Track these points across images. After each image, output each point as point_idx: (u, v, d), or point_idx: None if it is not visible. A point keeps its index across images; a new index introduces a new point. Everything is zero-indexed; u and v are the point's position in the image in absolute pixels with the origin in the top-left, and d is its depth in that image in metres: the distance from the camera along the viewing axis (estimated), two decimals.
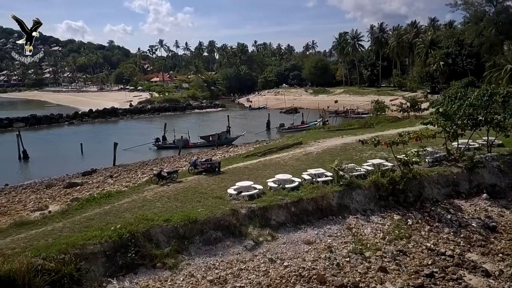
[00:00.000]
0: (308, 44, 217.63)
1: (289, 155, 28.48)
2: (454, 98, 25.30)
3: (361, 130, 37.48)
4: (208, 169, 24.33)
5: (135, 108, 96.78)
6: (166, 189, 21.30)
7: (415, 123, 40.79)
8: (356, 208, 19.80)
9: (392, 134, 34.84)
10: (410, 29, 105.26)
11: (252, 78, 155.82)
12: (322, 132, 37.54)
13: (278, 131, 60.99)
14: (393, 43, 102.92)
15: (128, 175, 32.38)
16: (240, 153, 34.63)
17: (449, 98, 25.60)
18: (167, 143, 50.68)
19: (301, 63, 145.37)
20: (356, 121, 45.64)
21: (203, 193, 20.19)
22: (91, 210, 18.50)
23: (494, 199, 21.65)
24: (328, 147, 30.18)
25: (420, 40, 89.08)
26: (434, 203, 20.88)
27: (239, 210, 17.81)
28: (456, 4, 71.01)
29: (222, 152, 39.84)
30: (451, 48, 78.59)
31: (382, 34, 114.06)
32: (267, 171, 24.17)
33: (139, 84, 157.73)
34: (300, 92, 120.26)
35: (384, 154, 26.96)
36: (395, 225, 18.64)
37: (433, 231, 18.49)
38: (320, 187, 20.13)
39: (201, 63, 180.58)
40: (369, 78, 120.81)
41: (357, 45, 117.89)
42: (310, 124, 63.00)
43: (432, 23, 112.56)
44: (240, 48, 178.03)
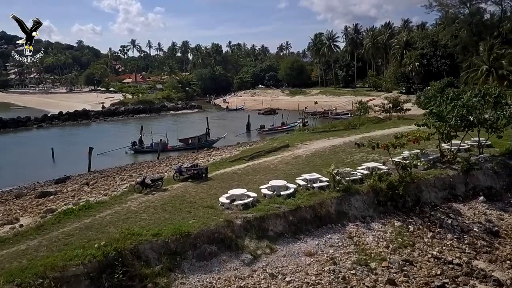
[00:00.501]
0: (282, 45, 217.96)
1: (278, 158, 27.36)
2: (446, 98, 24.83)
3: (346, 132, 36.83)
4: (194, 176, 22.88)
5: (108, 110, 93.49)
6: (152, 199, 19.73)
7: (399, 124, 40.62)
8: (355, 215, 18.88)
9: (378, 135, 34.43)
10: (384, 30, 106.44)
11: (227, 79, 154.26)
12: (307, 134, 36.65)
13: (259, 132, 59.89)
14: (368, 44, 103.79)
15: (105, 182, 30.40)
16: (225, 157, 33.28)
17: (441, 99, 25.11)
18: (145, 147, 48.59)
19: (276, 64, 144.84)
20: (340, 122, 45.08)
21: (192, 203, 18.76)
22: (70, 225, 16.75)
23: (491, 201, 21.22)
24: (317, 150, 29.24)
25: (396, 41, 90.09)
26: (433, 207, 20.24)
27: (234, 221, 16.52)
28: (431, 6, 72.06)
29: (204, 156, 38.30)
30: (426, 49, 79.71)
31: (356, 35, 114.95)
32: (258, 177, 22.96)
33: (111, 85, 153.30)
34: (277, 93, 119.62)
35: (376, 156, 26.31)
36: (397, 232, 17.81)
37: (436, 237, 17.78)
38: (317, 194, 19.09)
39: (175, 63, 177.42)
40: (344, 78, 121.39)
41: (333, 45, 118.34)
42: (290, 125, 62.34)
43: (405, 24, 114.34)
44: (215, 48, 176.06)
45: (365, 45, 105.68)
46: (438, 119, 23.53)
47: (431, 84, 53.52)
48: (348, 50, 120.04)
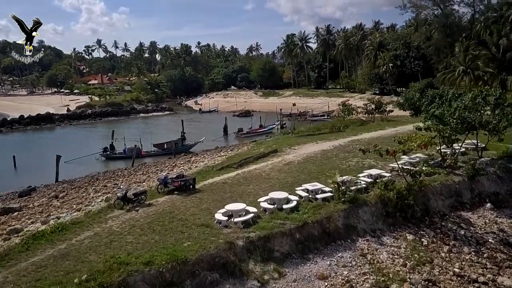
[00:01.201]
0: (252, 46, 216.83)
1: (269, 165, 25.47)
2: (445, 100, 23.76)
3: (333, 135, 35.43)
4: (181, 187, 20.63)
5: (73, 113, 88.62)
6: (136, 216, 17.36)
7: (384, 126, 39.71)
8: (363, 228, 17.26)
9: (366, 138, 33.27)
10: (356, 32, 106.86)
11: (197, 80, 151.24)
12: (293, 138, 34.97)
13: (237, 136, 57.80)
14: (341, 45, 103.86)
15: (77, 194, 27.48)
16: (208, 164, 31.05)
17: (439, 100, 24.02)
18: (117, 153, 45.44)
19: (248, 65, 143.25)
20: (323, 124, 43.77)
21: (183, 220, 16.55)
22: (42, 252, 14.20)
23: (498, 208, 20.21)
24: (308, 155, 27.57)
25: (369, 42, 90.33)
26: (442, 217, 18.98)
27: (235, 242, 14.49)
28: (405, 7, 72.47)
29: (183, 163, 35.83)
30: (399, 50, 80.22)
31: (329, 36, 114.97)
32: (251, 187, 20.99)
33: (76, 87, 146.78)
34: (250, 95, 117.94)
35: (372, 161, 24.92)
36: (412, 247, 16.31)
37: (453, 251, 16.41)
38: (322, 206, 17.35)
39: (143, 64, 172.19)
40: (316, 80, 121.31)
41: (305, 46, 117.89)
42: (268, 127, 60.70)
43: (376, 26, 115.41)
44: (184, 49, 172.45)
45: (338, 46, 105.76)
46: (439, 122, 22.38)
47: (410, 85, 53.32)
48: (320, 51, 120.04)
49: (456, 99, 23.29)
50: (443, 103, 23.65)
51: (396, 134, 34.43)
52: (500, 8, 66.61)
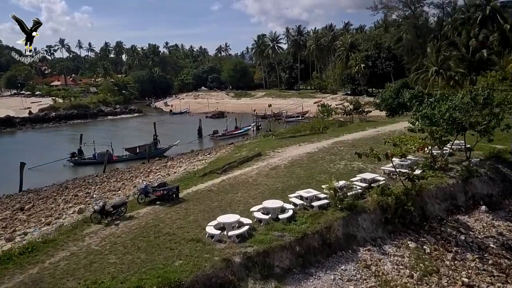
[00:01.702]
0: (221, 47, 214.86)
1: (254, 170, 24.19)
2: (435, 101, 23.29)
3: (314, 136, 34.55)
4: (163, 197, 19.02)
5: (36, 116, 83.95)
6: (116, 231, 15.65)
7: (364, 126, 39.26)
8: (363, 237, 16.30)
9: (349, 139, 32.62)
10: (327, 32, 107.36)
11: (166, 81, 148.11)
12: (275, 140, 33.83)
13: (212, 138, 56.18)
14: (312, 46, 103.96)
15: (45, 206, 25.17)
16: (187, 169, 29.46)
17: (428, 101, 23.54)
18: (86, 158, 42.82)
19: (219, 66, 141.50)
20: (302, 126, 42.91)
21: (170, 235, 15.02)
22: (10, 279, 12.33)
23: (493, 211, 19.84)
24: (293, 159, 26.50)
25: (340, 43, 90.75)
26: (440, 221, 18.35)
27: (232, 260, 13.15)
28: (377, 8, 73.10)
29: (159, 168, 33.92)
30: (370, 51, 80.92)
31: (300, 37, 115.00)
32: (239, 194, 19.64)
33: (37, 88, 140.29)
34: (222, 96, 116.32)
35: (360, 164, 24.14)
36: (415, 256, 15.49)
37: (457, 258, 15.73)
38: (319, 215, 16.26)
39: (109, 65, 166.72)
40: (287, 80, 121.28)
41: (277, 47, 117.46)
42: (244, 129, 59.45)
43: (346, 27, 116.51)
44: (152, 49, 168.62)
45: (309, 47, 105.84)
46: (430, 123, 21.84)
47: (386, 85, 53.52)
48: (291, 52, 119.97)
49: (446, 100, 22.80)
50: (431, 103, 23.13)
51: (378, 135, 34.22)
52: (467, 10, 68.30)
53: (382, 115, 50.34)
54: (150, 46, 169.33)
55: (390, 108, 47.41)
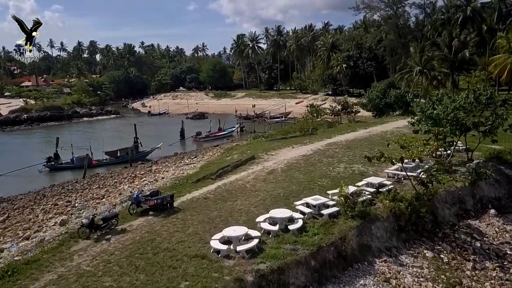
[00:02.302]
0: (198, 47, 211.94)
1: (250, 174, 22.86)
2: (436, 100, 22.55)
3: (306, 138, 33.50)
4: (157, 207, 17.43)
5: (6, 119, 79.73)
6: (109, 248, 14.02)
7: (355, 127, 38.51)
8: (378, 247, 15.23)
9: (342, 140, 31.79)
10: (307, 32, 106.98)
11: (143, 81, 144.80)
12: (266, 142, 32.54)
13: (195, 140, 54.34)
14: (293, 46, 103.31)
15: (22, 217, 23.00)
16: (175, 174, 27.84)
17: (429, 101, 22.78)
18: (64, 163, 40.33)
19: (197, 66, 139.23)
20: (290, 127, 41.81)
21: (171, 251, 13.52)
22: None
23: (502, 214, 19.19)
24: (289, 162, 25.31)
25: (322, 43, 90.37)
26: (452, 227, 17.51)
27: (245, 279, 11.78)
28: (359, 8, 73.00)
29: (144, 173, 32.06)
30: (352, 51, 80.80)
31: (279, 37, 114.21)
32: (239, 202, 18.27)
33: (6, 89, 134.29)
34: (201, 96, 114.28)
35: (361, 167, 23.22)
36: (435, 266, 14.51)
37: (477, 268, 14.87)
38: (331, 224, 15.08)
39: (83, 65, 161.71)
40: (267, 81, 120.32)
41: (256, 47, 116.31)
42: (228, 130, 57.91)
43: (326, 27, 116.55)
44: (127, 49, 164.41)
45: (290, 47, 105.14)
46: (433, 123, 21.06)
47: (373, 85, 53.14)
48: (270, 52, 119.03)
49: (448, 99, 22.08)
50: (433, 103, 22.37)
51: (370, 136, 33.51)
52: (447, 11, 68.97)
53: (368, 115, 49.88)
54: (126, 46, 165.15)
55: (377, 108, 46.93)
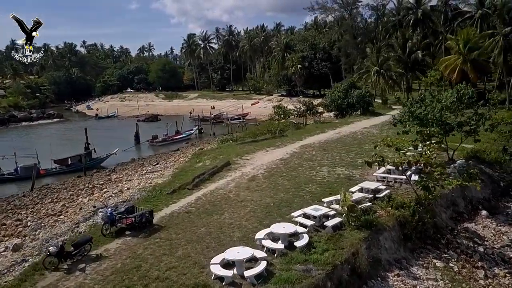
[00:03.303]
0: (144, 47, 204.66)
1: (230, 182, 21.04)
2: (419, 100, 22.05)
3: (276, 140, 32.15)
4: (135, 225, 15.15)
5: None
6: (85, 281, 11.69)
7: (323, 128, 37.77)
8: (387, 259, 14.11)
9: (315, 142, 30.96)
10: (259, 33, 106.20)
11: (87, 82, 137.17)
12: (237, 146, 30.71)
13: (151, 144, 51.17)
14: (246, 46, 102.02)
15: None
16: (142, 184, 25.29)
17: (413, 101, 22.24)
18: (6, 174, 35.81)
19: (145, 66, 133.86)
20: (256, 129, 40.17)
21: (163, 280, 11.49)
22: None
23: (492, 215, 18.92)
24: (268, 166, 23.78)
25: (276, 43, 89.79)
26: (451, 232, 16.84)
27: None
28: (313, 9, 73.09)
29: (103, 183, 28.94)
30: (306, 51, 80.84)
31: (231, 37, 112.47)
32: (226, 215, 16.44)
33: None
34: (151, 97, 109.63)
35: (345, 171, 22.22)
36: (449, 278, 13.63)
37: (488, 275, 14.19)
38: (337, 237, 13.72)
39: (19, 65, 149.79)
40: (219, 81, 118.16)
41: (208, 47, 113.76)
42: (186, 133, 55.32)
43: (278, 27, 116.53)
44: (68, 48, 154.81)
45: (243, 47, 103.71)
46: (421, 124, 20.48)
47: (335, 85, 53.03)
48: (222, 52, 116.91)
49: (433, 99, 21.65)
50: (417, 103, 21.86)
51: (341, 137, 32.83)
52: (397, 13, 70.96)
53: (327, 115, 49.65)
54: (66, 45, 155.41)
55: (340, 109, 46.77)
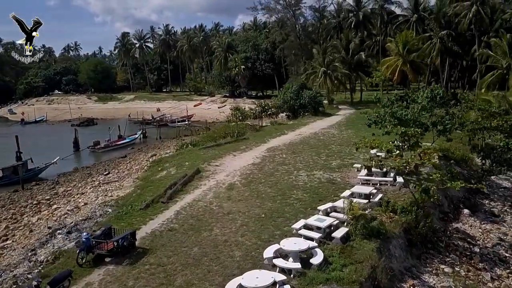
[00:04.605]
0: (69, 46, 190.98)
1: (207, 192, 19.28)
2: (396, 100, 21.95)
3: (240, 144, 30.66)
4: (117, 250, 12.95)
5: None
6: None
7: (282, 130, 37.05)
8: (398, 269, 13.40)
9: (281, 145, 30.25)
10: (198, 33, 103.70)
11: (6, 84, 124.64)
12: (199, 151, 28.58)
13: (92, 151, 47.01)
14: (185, 46, 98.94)
15: None
16: (101, 198, 22.52)
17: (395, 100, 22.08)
18: None
19: (74, 66, 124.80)
20: (213, 131, 38.29)
21: None
22: None
23: (474, 213, 19.18)
24: (242, 173, 22.31)
25: (217, 43, 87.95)
26: (445, 234, 16.61)
27: None
28: (256, 9, 72.47)
29: (49, 198, 25.25)
30: (249, 52, 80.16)
31: (169, 36, 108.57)
32: (217, 231, 14.83)
33: None
34: (83, 100, 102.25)
35: (324, 174, 21.54)
36: (462, 283, 13.26)
37: (494, 277, 14.04)
38: (349, 249, 12.76)
39: None
40: (156, 82, 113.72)
41: (145, 46, 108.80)
42: (130, 138, 51.66)
43: (217, 27, 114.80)
44: None
45: (181, 47, 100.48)
46: (400, 124, 20.29)
47: (285, 86, 52.67)
48: (158, 52, 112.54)
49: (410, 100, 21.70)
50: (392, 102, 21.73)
51: (305, 139, 32.33)
52: (338, 15, 72.86)
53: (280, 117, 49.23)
54: None
55: (292, 109, 46.52)
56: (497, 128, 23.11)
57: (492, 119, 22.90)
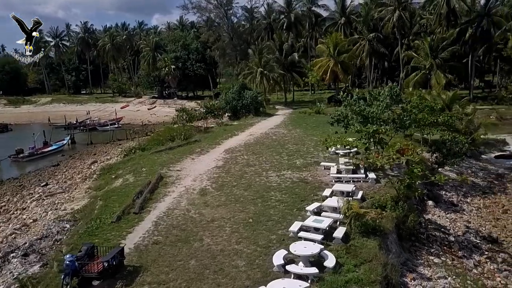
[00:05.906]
0: None
1: (180, 199, 18.03)
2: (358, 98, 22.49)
3: (194, 147, 29.32)
4: (107, 272, 11.40)
5: None
6: None
7: (231, 131, 36.36)
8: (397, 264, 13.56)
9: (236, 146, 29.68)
10: (121, 31, 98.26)
11: None
12: (152, 156, 26.70)
13: (14, 160, 41.86)
14: (108, 45, 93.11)
15: None
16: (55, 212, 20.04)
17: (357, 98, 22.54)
18: None
19: None
20: (157, 134, 36.13)
21: None
22: None
23: (437, 204, 20.35)
24: (210, 177, 21.31)
25: (144, 43, 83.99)
26: (424, 226, 17.38)
27: None
28: (187, 8, 70.60)
29: None
30: (179, 52, 77.82)
31: (88, 35, 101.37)
32: (208, 241, 13.96)
33: None
34: None
35: (294, 173, 21.46)
36: (454, 273, 13.91)
37: (475, 264, 14.91)
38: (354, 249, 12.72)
39: None
40: (75, 84, 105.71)
41: (61, 45, 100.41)
42: (57, 144, 46.99)
43: (141, 26, 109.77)
44: None
45: (104, 46, 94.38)
46: (365, 122, 20.86)
47: (226, 86, 51.78)
48: (76, 51, 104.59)
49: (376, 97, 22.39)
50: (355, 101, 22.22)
51: (258, 139, 32.04)
52: (268, 17, 73.79)
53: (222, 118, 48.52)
54: None
55: (235, 110, 46.04)
56: (444, 124, 24.97)
57: (437, 116, 24.65)
